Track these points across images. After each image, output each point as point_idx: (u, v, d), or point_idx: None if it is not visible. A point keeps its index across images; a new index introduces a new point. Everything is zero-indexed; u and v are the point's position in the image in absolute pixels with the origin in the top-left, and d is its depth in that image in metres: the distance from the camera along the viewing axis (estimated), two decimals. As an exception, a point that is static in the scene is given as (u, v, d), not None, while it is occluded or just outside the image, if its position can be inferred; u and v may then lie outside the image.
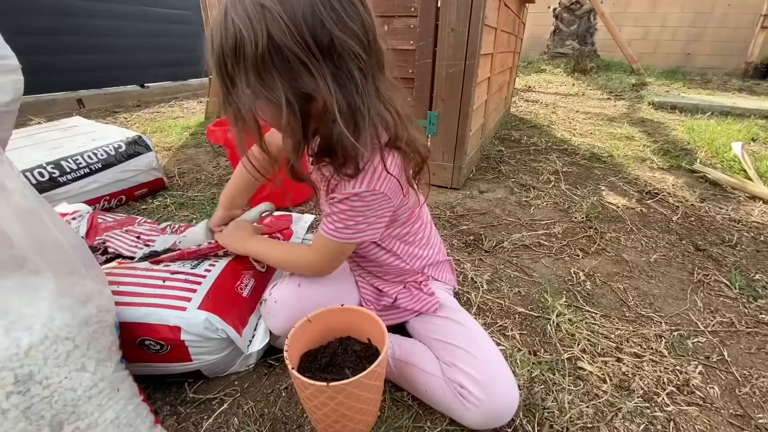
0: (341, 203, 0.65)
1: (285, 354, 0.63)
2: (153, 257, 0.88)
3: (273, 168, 0.75)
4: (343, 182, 0.63)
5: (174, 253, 0.86)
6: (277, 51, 0.50)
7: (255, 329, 0.85)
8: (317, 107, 0.56)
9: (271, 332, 0.84)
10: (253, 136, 0.60)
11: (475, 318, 0.84)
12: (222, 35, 0.51)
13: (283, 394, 0.80)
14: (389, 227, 0.78)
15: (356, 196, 0.63)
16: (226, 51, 0.51)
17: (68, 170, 1.39)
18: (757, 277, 1.21)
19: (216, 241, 0.89)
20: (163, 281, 0.80)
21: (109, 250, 0.96)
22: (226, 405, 0.77)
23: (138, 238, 1.02)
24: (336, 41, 0.50)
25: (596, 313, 1.04)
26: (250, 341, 0.83)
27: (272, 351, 0.88)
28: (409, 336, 0.85)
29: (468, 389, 0.67)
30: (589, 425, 0.75)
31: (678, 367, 0.88)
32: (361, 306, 0.85)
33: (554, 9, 6.54)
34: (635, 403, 0.79)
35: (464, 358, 0.71)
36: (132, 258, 0.92)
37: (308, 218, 1.32)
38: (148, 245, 0.97)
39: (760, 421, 0.77)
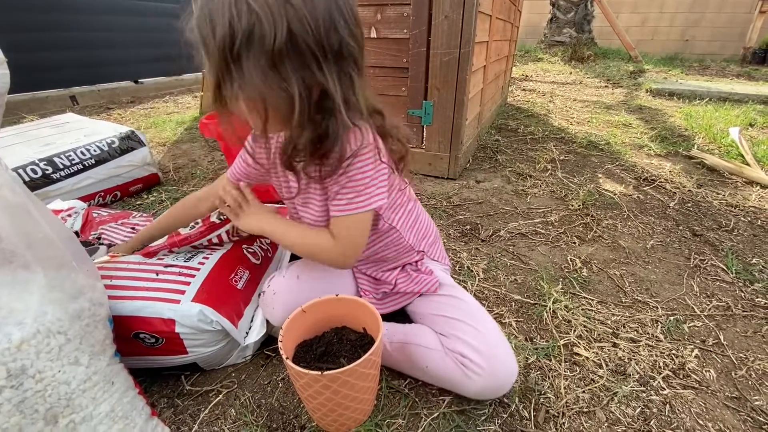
0: (346, 173, 0.64)
1: (279, 344, 0.63)
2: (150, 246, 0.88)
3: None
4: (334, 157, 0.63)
5: (164, 242, 0.85)
6: (294, 45, 0.52)
7: (252, 321, 0.85)
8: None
9: (268, 322, 0.83)
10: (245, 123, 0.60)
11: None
12: (233, 16, 0.49)
13: (280, 384, 0.80)
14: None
15: (354, 157, 0.63)
16: (237, 32, 0.50)
17: (61, 167, 1.38)
18: (753, 261, 1.21)
19: (205, 226, 0.87)
20: (157, 274, 0.79)
21: (104, 242, 0.96)
22: (222, 396, 0.77)
23: (133, 229, 1.02)
24: (343, 45, 0.56)
25: (592, 300, 1.04)
26: (247, 333, 0.83)
27: (269, 342, 0.88)
28: (408, 319, 0.86)
29: (470, 358, 0.69)
30: (585, 409, 0.75)
31: (674, 351, 0.88)
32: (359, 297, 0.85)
33: (551, -4, 6.47)
34: (631, 387, 0.79)
35: (465, 330, 0.73)
36: None
37: None
38: None
39: (756, 403, 0.77)
